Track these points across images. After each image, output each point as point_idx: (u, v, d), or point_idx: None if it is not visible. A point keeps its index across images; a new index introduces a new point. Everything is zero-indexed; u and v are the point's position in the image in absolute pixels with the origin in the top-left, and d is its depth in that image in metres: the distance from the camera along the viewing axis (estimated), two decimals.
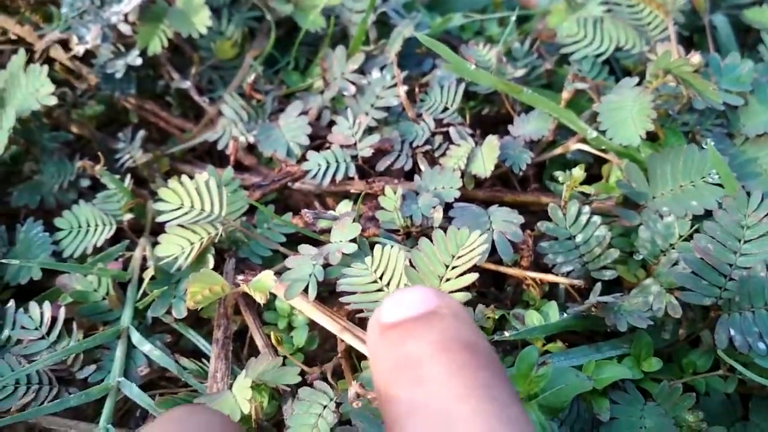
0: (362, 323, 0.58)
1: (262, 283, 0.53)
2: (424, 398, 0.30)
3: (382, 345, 0.33)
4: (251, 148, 0.75)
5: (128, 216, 0.64)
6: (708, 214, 0.57)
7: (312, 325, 0.60)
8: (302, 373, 0.55)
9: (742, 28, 0.85)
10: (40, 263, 0.61)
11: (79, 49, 0.68)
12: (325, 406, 0.51)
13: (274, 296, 0.62)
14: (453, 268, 0.53)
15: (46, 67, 0.67)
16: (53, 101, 0.65)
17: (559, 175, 0.63)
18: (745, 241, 0.54)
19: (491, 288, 0.66)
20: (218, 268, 0.62)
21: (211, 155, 0.78)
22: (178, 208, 0.61)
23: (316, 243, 0.60)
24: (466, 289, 0.52)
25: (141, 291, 0.61)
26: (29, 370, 0.54)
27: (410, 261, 0.54)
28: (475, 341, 0.32)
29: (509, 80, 0.69)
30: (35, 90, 0.66)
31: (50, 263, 0.61)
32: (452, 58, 0.64)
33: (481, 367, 0.31)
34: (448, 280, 0.53)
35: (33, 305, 0.57)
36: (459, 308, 0.34)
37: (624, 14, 0.77)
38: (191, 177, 0.63)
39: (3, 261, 0.60)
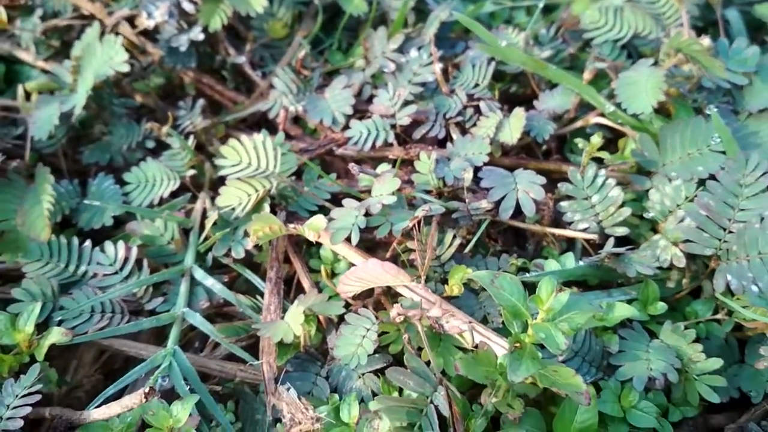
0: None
1: (315, 224, 0.60)
2: None
3: None
4: (297, 120, 0.83)
5: (190, 172, 0.72)
6: (712, 178, 0.64)
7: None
8: (346, 306, 0.62)
9: (754, 24, 0.91)
10: (117, 208, 0.68)
11: (149, 24, 0.76)
12: (368, 329, 0.58)
13: (318, 246, 0.70)
14: None
15: (120, 37, 0.74)
16: (126, 68, 0.72)
17: (579, 141, 0.70)
18: (743, 198, 0.60)
19: (513, 246, 0.73)
20: None
21: (259, 125, 0.85)
22: (237, 164, 0.69)
23: (358, 201, 0.68)
24: None
25: (202, 237, 0.68)
26: (104, 299, 0.62)
27: None
28: None
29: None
30: (110, 58, 0.73)
31: (126, 207, 0.69)
32: (486, 36, 0.71)
33: None
34: None
35: (108, 244, 0.64)
36: None
37: (642, 3, 0.83)
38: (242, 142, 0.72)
39: (86, 202, 0.68)
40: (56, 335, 0.57)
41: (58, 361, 0.65)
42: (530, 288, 0.63)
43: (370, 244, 0.70)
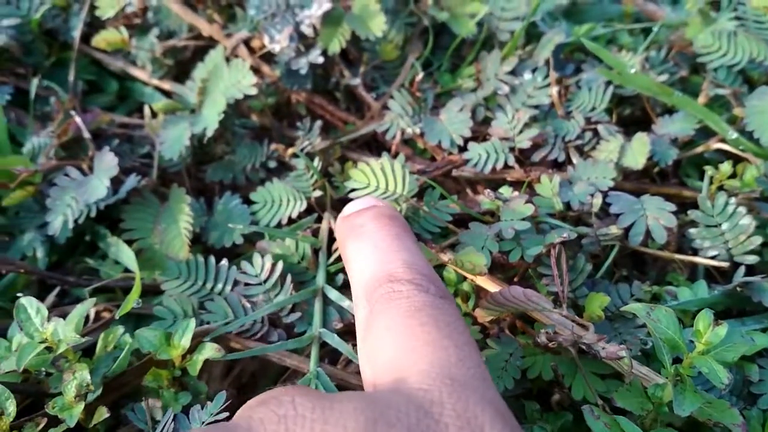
0: None
1: (474, 259, 0.61)
2: (363, 241, 0.51)
3: (341, 225, 0.56)
4: (406, 141, 0.84)
5: (317, 193, 0.74)
6: None
7: (478, 292, 0.69)
8: (482, 331, 0.63)
9: None
10: (247, 228, 0.70)
11: (273, 47, 0.78)
12: (511, 354, 0.59)
13: (441, 267, 0.71)
14: None
15: (248, 62, 0.77)
16: (254, 91, 0.74)
17: (708, 169, 0.71)
18: None
19: (633, 271, 0.73)
20: None
21: (369, 146, 0.87)
22: (366, 186, 0.71)
23: (482, 224, 0.69)
24: None
25: (332, 257, 0.70)
26: (256, 316, 0.63)
27: None
28: (396, 216, 0.55)
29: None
30: (237, 81, 0.76)
31: (259, 228, 0.71)
32: (614, 62, 0.72)
33: (399, 226, 0.53)
34: None
35: (256, 255, 0.66)
36: (389, 205, 0.57)
37: (752, 28, 0.83)
38: (356, 163, 0.74)
39: (230, 225, 0.71)
40: (210, 351, 0.59)
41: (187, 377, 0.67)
42: None
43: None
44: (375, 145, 0.87)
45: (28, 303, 0.58)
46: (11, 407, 0.55)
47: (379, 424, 0.33)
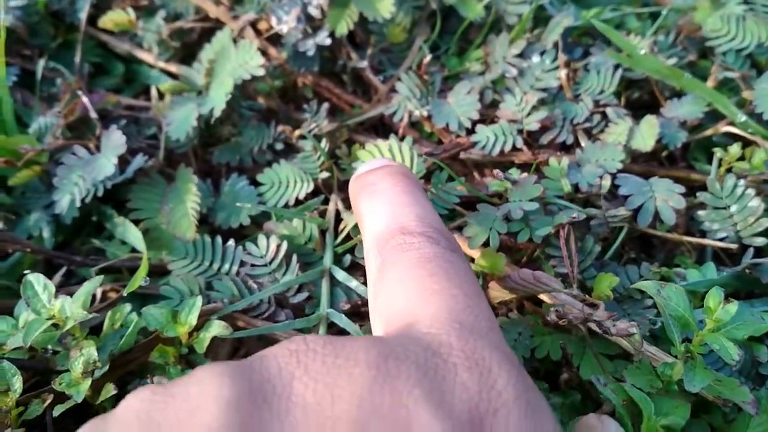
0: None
1: (493, 259, 0.61)
2: (377, 197, 0.51)
3: (354, 183, 0.55)
4: (413, 124, 0.84)
5: (324, 175, 0.73)
6: None
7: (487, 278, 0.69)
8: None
9: None
10: (255, 207, 0.70)
11: (280, 29, 0.78)
12: (520, 333, 0.59)
13: None
14: None
15: (255, 42, 0.76)
16: (262, 72, 0.74)
17: (717, 151, 0.70)
18: None
19: (641, 253, 0.73)
20: None
21: (375, 128, 0.87)
22: None
23: (491, 205, 0.69)
24: None
25: (339, 238, 0.70)
26: (263, 295, 0.63)
27: None
28: (409, 173, 0.54)
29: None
30: (245, 62, 0.75)
31: (266, 207, 0.70)
32: (624, 44, 0.72)
33: (412, 184, 0.52)
34: None
35: (261, 237, 0.66)
36: (402, 164, 0.58)
37: (760, 12, 0.83)
38: (363, 145, 0.74)
39: (238, 204, 0.70)
40: (217, 328, 0.59)
41: (194, 355, 0.67)
42: None
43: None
44: (382, 128, 0.86)
45: (36, 279, 0.58)
46: (17, 383, 0.55)
47: (390, 359, 0.33)
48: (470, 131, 0.77)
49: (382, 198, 0.50)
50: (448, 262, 0.42)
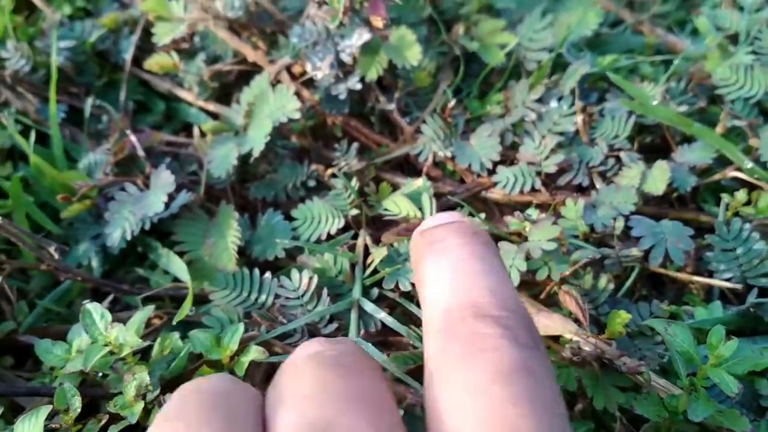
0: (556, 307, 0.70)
1: None
2: (443, 259, 0.43)
3: (418, 239, 0.47)
4: (436, 163, 0.89)
5: (354, 211, 0.79)
6: None
7: None
8: None
9: None
10: (289, 242, 0.75)
11: (315, 74, 0.83)
12: None
13: None
14: None
15: (293, 87, 0.82)
16: (298, 115, 0.80)
17: (724, 196, 0.75)
18: None
19: (652, 291, 0.78)
20: None
21: (401, 166, 0.92)
22: (399, 214, 0.76)
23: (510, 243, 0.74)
24: None
25: (368, 271, 0.75)
26: (296, 324, 0.68)
27: None
28: (482, 233, 0.46)
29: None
30: (282, 105, 0.81)
31: (302, 243, 0.76)
32: (637, 94, 0.77)
33: (485, 246, 0.44)
34: None
35: (294, 272, 0.71)
36: (474, 221, 0.51)
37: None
38: (392, 183, 0.80)
39: (277, 240, 0.76)
40: (255, 353, 0.64)
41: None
42: None
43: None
44: (407, 166, 0.92)
45: (94, 309, 0.64)
46: (77, 403, 0.60)
47: None
48: (491, 172, 0.83)
49: (449, 261, 0.43)
50: (532, 375, 0.34)
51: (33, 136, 0.84)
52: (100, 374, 0.66)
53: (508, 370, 0.34)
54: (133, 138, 0.82)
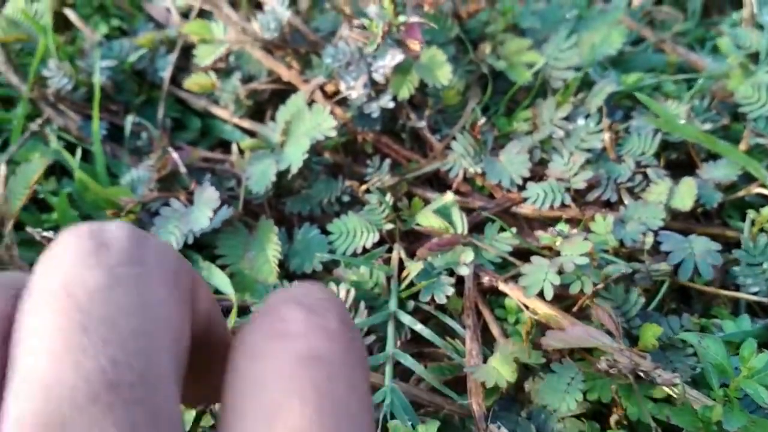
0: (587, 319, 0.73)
1: None
2: None
3: None
4: (466, 179, 0.92)
5: (388, 226, 0.81)
6: None
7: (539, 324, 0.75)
8: (544, 355, 0.70)
9: None
10: (326, 256, 0.78)
11: (350, 94, 0.86)
12: (572, 378, 0.66)
13: (503, 296, 0.78)
14: None
15: (328, 106, 0.85)
16: (334, 133, 0.83)
17: (750, 212, 0.77)
18: None
19: (681, 304, 0.80)
20: None
21: (431, 182, 0.95)
22: (433, 230, 0.78)
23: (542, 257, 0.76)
24: None
25: (404, 284, 0.77)
26: None
27: None
28: None
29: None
30: (318, 124, 0.84)
31: (338, 257, 0.78)
32: (663, 112, 0.79)
33: None
34: None
35: (331, 285, 0.74)
36: None
37: None
38: (423, 198, 0.83)
39: (317, 254, 0.78)
40: None
41: None
42: None
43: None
44: (436, 181, 0.94)
45: None
46: None
47: None
48: (521, 187, 0.85)
49: None
50: None
51: (79, 152, 0.87)
52: None
53: None
54: (175, 155, 0.85)
